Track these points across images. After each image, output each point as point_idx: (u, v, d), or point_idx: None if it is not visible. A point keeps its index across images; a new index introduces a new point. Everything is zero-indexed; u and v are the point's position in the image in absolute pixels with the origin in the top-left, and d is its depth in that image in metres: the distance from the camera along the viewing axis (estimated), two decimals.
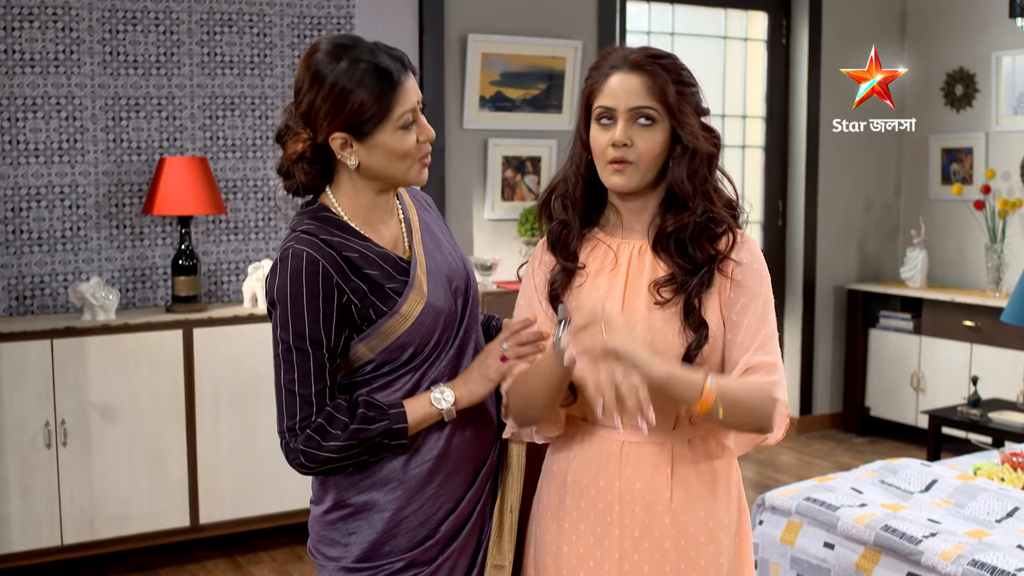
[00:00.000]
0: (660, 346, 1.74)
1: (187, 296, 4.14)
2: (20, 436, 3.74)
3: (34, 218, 4.10)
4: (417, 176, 1.82)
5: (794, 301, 6.05)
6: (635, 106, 1.75)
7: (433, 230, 1.95)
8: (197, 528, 4.03)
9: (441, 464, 1.84)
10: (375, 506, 1.83)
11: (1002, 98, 5.60)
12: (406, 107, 1.75)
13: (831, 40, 5.91)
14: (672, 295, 1.77)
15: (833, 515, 2.94)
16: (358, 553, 1.84)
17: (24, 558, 3.78)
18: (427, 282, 1.83)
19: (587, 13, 5.17)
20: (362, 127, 1.75)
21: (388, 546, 1.83)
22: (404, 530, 1.83)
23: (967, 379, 5.32)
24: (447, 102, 4.85)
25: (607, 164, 1.78)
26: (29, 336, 3.75)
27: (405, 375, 1.82)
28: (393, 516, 1.82)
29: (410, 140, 1.77)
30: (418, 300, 1.80)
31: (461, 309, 1.89)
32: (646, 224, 1.83)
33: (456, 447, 1.86)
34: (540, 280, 1.88)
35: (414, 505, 1.83)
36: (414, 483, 1.82)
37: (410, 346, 1.80)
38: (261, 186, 4.47)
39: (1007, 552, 2.64)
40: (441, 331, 1.84)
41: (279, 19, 4.46)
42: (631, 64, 1.77)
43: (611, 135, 1.76)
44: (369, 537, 1.83)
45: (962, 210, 5.80)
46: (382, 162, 1.78)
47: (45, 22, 4.06)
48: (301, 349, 1.74)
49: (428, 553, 1.84)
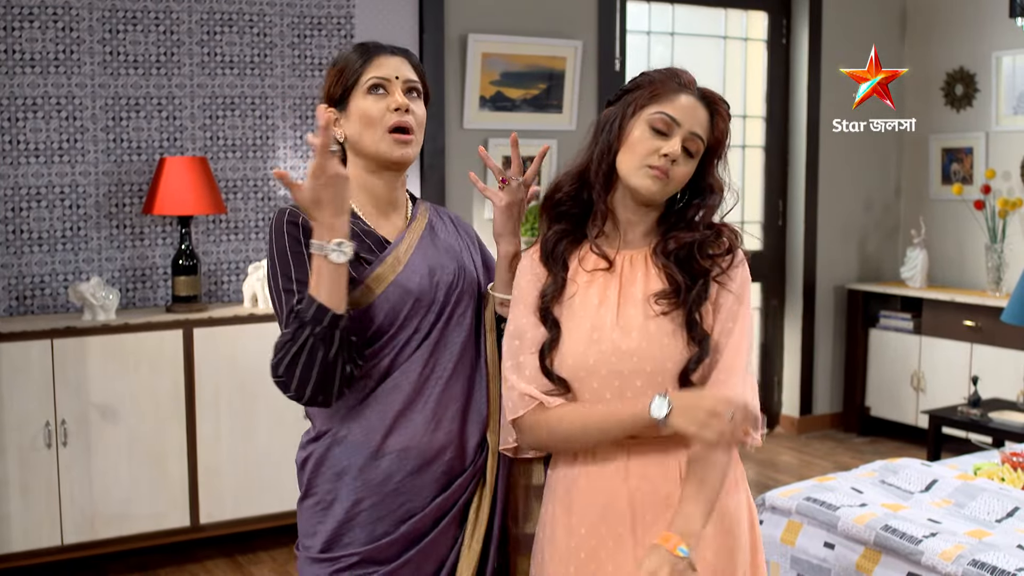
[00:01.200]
0: (656, 356, 1.76)
1: (187, 296, 4.14)
2: (20, 436, 3.74)
3: (34, 218, 4.10)
4: (389, 148, 1.87)
5: (794, 301, 6.05)
6: (694, 132, 1.79)
7: (437, 233, 1.98)
8: (197, 528, 4.03)
9: (403, 461, 1.85)
10: (336, 496, 1.86)
11: (1002, 98, 5.60)
12: (377, 73, 1.87)
13: (831, 40, 5.91)
14: (669, 307, 1.79)
15: (833, 515, 2.94)
16: (320, 544, 1.87)
17: (24, 558, 3.78)
18: (404, 264, 1.87)
19: (587, 13, 5.17)
20: (340, 94, 1.89)
21: (347, 538, 1.85)
22: (362, 523, 1.85)
23: (967, 379, 5.32)
24: (447, 102, 4.85)
25: (648, 168, 1.78)
26: (29, 336, 3.75)
27: (374, 358, 1.84)
28: (351, 508, 1.85)
29: (378, 106, 1.86)
30: (387, 274, 1.85)
31: (443, 300, 1.90)
32: (641, 235, 1.86)
33: (422, 447, 1.86)
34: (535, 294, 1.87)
35: (373, 499, 1.84)
36: (373, 476, 1.84)
37: (373, 323, 1.83)
38: (261, 186, 4.47)
39: (1007, 552, 2.64)
40: (408, 313, 1.85)
41: (279, 19, 4.46)
42: (702, 95, 1.83)
43: (664, 144, 1.78)
44: (330, 527, 1.86)
45: (962, 210, 5.80)
46: (357, 129, 1.88)
47: (45, 22, 4.06)
48: (289, 290, 1.80)
49: (386, 552, 1.85)
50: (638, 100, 1.81)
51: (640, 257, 1.84)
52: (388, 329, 1.85)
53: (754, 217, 6.05)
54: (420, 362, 1.86)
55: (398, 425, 1.85)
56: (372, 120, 1.86)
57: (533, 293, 1.85)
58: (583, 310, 1.81)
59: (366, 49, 1.90)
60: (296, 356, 1.72)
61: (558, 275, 1.84)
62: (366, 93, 1.87)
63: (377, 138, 1.86)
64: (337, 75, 1.90)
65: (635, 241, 1.86)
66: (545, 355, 1.81)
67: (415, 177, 4.76)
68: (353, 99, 1.88)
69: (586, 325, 1.79)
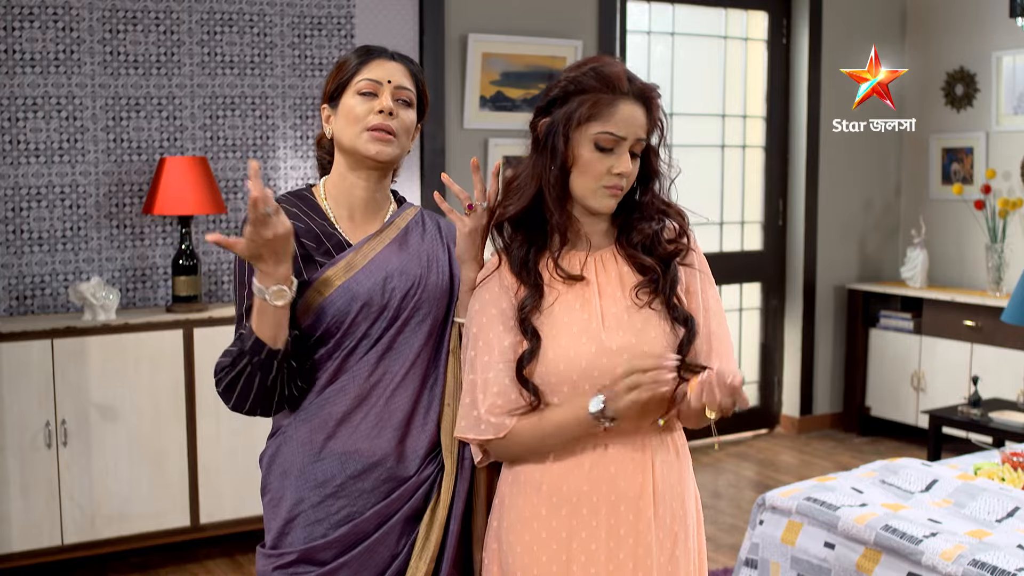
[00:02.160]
0: (648, 346, 1.77)
1: (187, 296, 4.14)
2: (20, 436, 3.74)
3: (34, 218, 4.10)
4: (365, 145, 1.90)
5: (794, 301, 6.05)
6: (638, 138, 1.81)
7: (409, 239, 1.97)
8: (197, 528, 4.03)
9: (344, 465, 1.86)
10: (283, 494, 1.89)
11: (1002, 98, 5.60)
12: (369, 75, 1.91)
13: (831, 40, 5.91)
14: (649, 296, 1.82)
15: (833, 515, 2.94)
16: (271, 540, 1.92)
17: (24, 558, 3.78)
18: (358, 269, 1.88)
19: (588, 13, 5.17)
20: (334, 91, 1.94)
21: (290, 536, 1.88)
22: (301, 523, 1.87)
23: (967, 379, 5.32)
24: (447, 102, 4.85)
25: (604, 188, 1.80)
26: (29, 336, 3.75)
27: (324, 360, 1.87)
28: (293, 507, 1.88)
29: (363, 107, 1.90)
30: (336, 278, 1.86)
31: (396, 307, 1.89)
32: (602, 234, 1.89)
33: (363, 452, 1.86)
34: (507, 305, 1.84)
35: (312, 499, 1.86)
36: (314, 477, 1.87)
37: (320, 325, 1.86)
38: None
39: (1008, 552, 2.64)
40: (355, 318, 1.86)
41: (279, 19, 4.46)
42: (637, 94, 1.81)
43: (613, 161, 1.79)
44: (278, 524, 1.90)
45: (962, 210, 5.80)
46: (341, 126, 1.92)
47: (46, 22, 4.06)
48: (240, 295, 1.86)
49: (322, 553, 1.86)
50: (577, 116, 1.78)
51: (609, 255, 1.87)
52: (335, 332, 1.86)
53: (754, 217, 6.05)
54: (368, 367, 1.87)
55: (341, 429, 1.87)
56: (355, 119, 1.90)
57: (503, 305, 1.83)
58: (567, 315, 1.80)
59: (367, 51, 1.95)
60: (234, 381, 1.79)
61: (532, 284, 1.83)
62: (356, 93, 1.91)
63: (355, 134, 1.90)
64: (335, 73, 1.95)
65: (599, 241, 1.89)
66: (524, 366, 1.79)
67: (415, 178, 4.76)
68: (344, 97, 1.92)
69: (572, 329, 1.79)
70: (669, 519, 1.83)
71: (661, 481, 1.82)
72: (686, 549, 1.86)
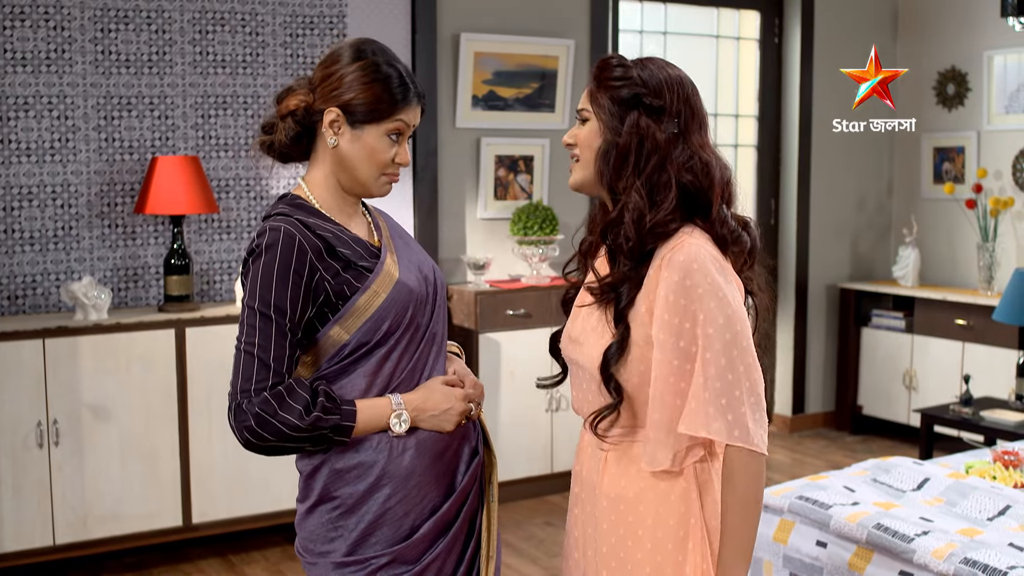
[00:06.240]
0: (585, 346, 1.81)
1: (179, 295, 4.14)
2: (12, 436, 3.73)
3: (26, 217, 4.09)
4: (380, 189, 1.92)
5: (786, 300, 6.06)
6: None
7: (401, 232, 2.03)
8: (190, 527, 4.02)
9: (422, 453, 1.87)
10: (361, 497, 1.85)
11: (994, 97, 5.62)
12: (403, 120, 1.87)
13: (823, 39, 5.92)
14: (601, 294, 1.78)
15: (826, 513, 2.95)
16: (346, 547, 1.85)
17: (16, 558, 3.77)
18: (400, 262, 1.91)
19: (580, 12, 5.17)
20: (362, 115, 1.84)
21: (374, 537, 1.85)
22: (389, 521, 1.85)
23: (959, 377, 5.33)
24: (440, 101, 4.85)
25: None
26: (21, 336, 3.74)
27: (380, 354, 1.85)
28: (380, 507, 1.84)
29: (390, 152, 1.87)
30: (390, 276, 1.86)
31: (432, 296, 1.95)
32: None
33: (433, 438, 1.89)
34: None
35: (399, 495, 1.85)
36: (398, 473, 1.85)
37: (385, 321, 1.84)
38: (253, 185, 4.46)
39: (999, 550, 2.65)
40: (413, 311, 1.88)
41: (271, 18, 4.45)
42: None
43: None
44: (356, 530, 1.85)
45: (954, 209, 5.82)
46: (359, 157, 1.86)
47: (37, 21, 4.04)
48: (266, 315, 1.77)
49: (413, 551, 1.86)
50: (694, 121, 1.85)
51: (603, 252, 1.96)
52: (397, 328, 1.86)
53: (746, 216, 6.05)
54: (423, 357, 1.91)
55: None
56: (378, 162, 1.87)
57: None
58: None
59: (404, 89, 1.86)
60: (286, 451, 1.80)
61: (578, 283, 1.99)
62: (385, 134, 1.86)
63: (372, 176, 1.88)
64: (368, 93, 1.84)
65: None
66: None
67: (408, 177, 4.75)
68: (371, 128, 1.85)
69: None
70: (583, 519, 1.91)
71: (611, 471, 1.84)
72: (597, 554, 1.85)
